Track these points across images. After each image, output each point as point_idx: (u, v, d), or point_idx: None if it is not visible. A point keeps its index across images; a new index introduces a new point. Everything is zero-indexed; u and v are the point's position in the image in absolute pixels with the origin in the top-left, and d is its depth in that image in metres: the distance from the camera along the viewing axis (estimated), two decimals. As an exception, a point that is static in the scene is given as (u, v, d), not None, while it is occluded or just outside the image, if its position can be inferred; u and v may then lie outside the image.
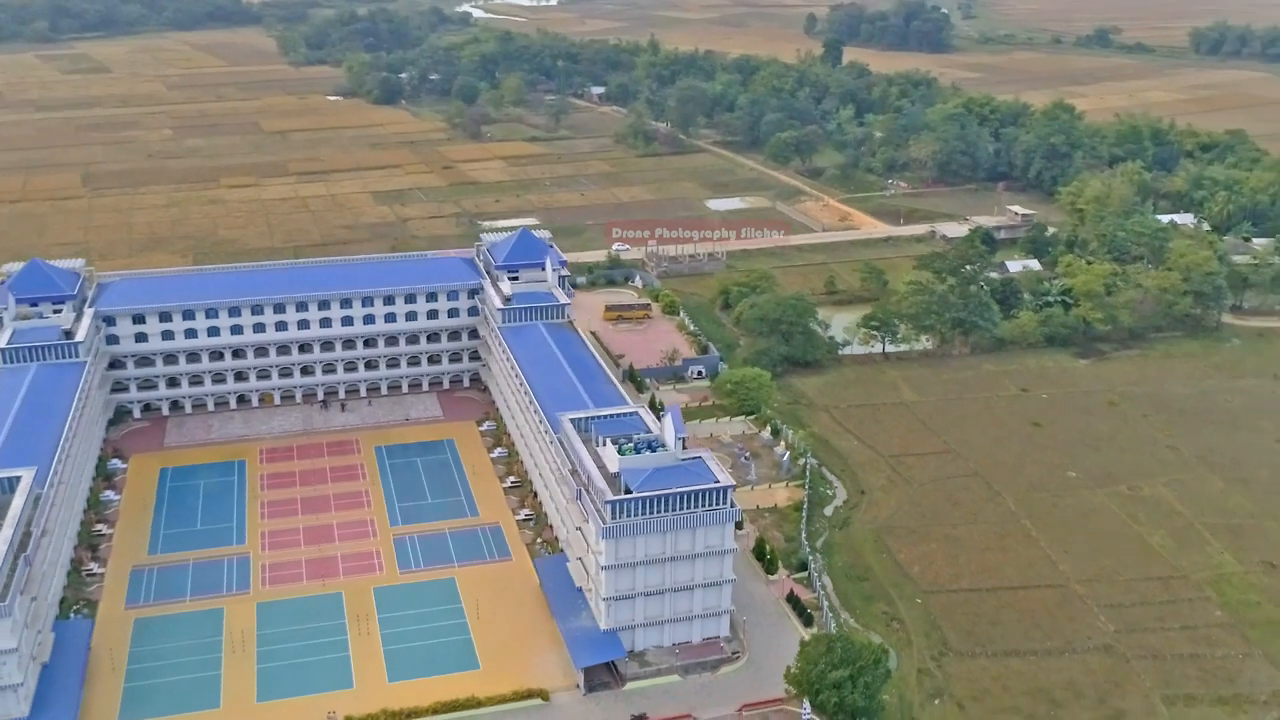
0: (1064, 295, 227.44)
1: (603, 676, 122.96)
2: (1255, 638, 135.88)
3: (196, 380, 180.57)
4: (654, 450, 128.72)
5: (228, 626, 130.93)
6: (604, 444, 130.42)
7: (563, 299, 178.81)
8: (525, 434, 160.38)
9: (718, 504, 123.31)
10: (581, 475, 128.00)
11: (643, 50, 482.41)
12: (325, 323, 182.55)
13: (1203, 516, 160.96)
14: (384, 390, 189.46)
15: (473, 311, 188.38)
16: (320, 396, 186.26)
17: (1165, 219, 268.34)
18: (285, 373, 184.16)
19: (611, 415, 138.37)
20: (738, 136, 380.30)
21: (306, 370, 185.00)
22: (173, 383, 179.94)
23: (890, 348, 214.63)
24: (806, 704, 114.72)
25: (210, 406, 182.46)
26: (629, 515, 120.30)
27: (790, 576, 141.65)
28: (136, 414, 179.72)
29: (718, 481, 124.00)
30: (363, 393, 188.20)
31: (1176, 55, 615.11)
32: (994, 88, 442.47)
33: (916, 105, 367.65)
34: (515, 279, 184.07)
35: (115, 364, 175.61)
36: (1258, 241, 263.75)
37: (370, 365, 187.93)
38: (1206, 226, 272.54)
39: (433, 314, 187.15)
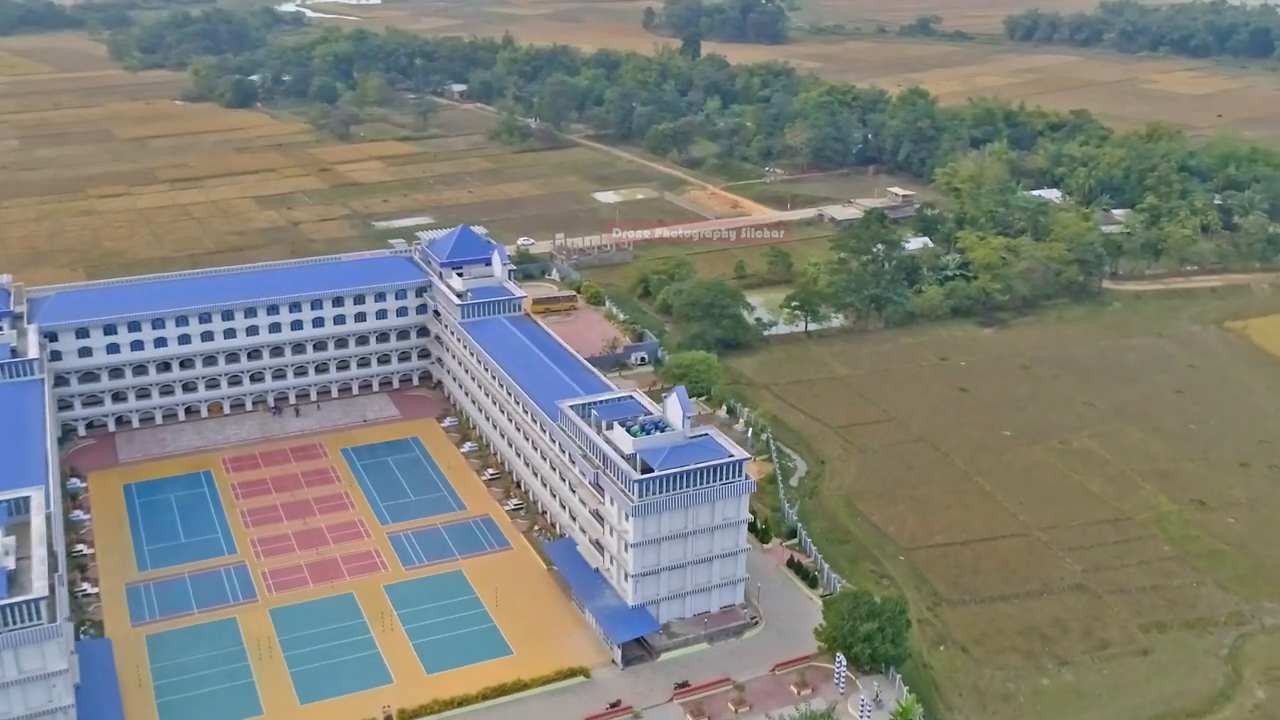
0: (961, 269, 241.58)
1: (635, 650, 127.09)
2: (1203, 567, 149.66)
3: (144, 394, 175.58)
4: (661, 430, 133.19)
5: (246, 635, 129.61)
6: (611, 427, 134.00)
7: (518, 293, 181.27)
8: (504, 426, 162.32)
9: (734, 477, 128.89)
10: (596, 458, 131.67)
11: (500, 47, 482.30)
12: (275, 328, 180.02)
13: (1130, 464, 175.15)
14: (334, 393, 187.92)
15: (420, 310, 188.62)
16: (271, 403, 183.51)
17: (1033, 194, 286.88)
18: (235, 381, 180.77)
19: (610, 400, 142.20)
20: (609, 130, 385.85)
21: (256, 377, 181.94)
22: (118, 397, 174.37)
23: (812, 326, 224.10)
24: (841, 658, 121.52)
25: (158, 420, 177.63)
26: (655, 493, 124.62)
27: (784, 544, 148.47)
28: (81, 431, 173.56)
29: (731, 455, 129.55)
30: (313, 397, 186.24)
31: (995, 42, 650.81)
32: (837, 76, 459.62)
33: (781, 95, 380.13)
34: (460, 275, 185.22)
35: (59, 381, 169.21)
36: (1117, 212, 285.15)
37: (320, 369, 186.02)
38: (1071, 201, 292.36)
39: (381, 314, 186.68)
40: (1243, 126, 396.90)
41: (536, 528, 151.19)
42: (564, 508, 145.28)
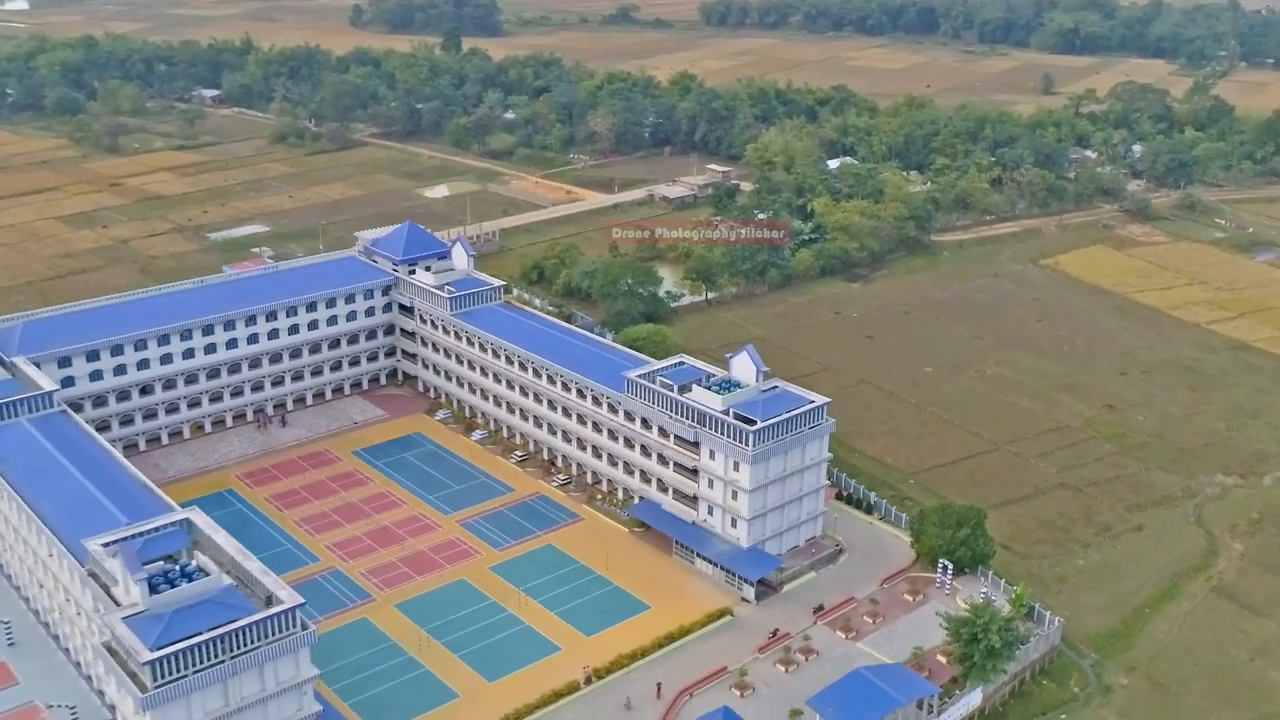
0: (814, 233, 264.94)
1: (759, 587, 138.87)
2: (1142, 456, 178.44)
3: (128, 420, 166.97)
4: (737, 387, 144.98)
5: (389, 632, 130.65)
6: (689, 389, 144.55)
7: (494, 282, 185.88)
8: (530, 408, 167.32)
9: (820, 420, 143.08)
10: (689, 418, 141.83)
11: (243, 50, 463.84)
12: (253, 339, 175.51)
13: (1040, 383, 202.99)
14: (309, 400, 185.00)
15: (387, 308, 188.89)
16: (250, 416, 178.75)
17: (834, 162, 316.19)
18: (216, 397, 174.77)
19: (671, 366, 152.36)
20: (395, 127, 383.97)
21: (236, 391, 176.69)
22: (102, 426, 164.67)
23: (710, 295, 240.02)
24: (944, 563, 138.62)
25: (142, 446, 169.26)
26: (766, 441, 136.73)
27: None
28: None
29: (814, 402, 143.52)
30: (289, 406, 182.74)
31: (695, 28, 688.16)
32: (585, 64, 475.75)
33: (565, 84, 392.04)
34: (419, 270, 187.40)
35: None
36: (910, 174, 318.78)
37: (296, 376, 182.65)
38: (866, 167, 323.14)
39: (352, 315, 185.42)
40: (950, 95, 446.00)
41: (598, 498, 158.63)
42: (632, 473, 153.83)
